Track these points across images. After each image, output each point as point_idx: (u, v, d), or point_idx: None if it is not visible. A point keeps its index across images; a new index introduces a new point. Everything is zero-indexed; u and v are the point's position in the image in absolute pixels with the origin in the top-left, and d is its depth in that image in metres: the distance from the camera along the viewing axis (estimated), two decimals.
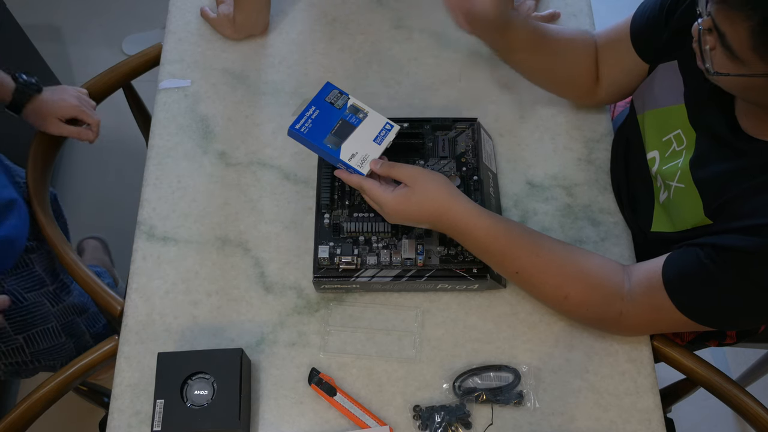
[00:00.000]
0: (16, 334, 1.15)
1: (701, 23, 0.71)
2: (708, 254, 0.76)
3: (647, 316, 0.83)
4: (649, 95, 0.93)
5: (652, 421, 0.88)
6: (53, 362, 1.27)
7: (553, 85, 1.05)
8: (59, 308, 1.21)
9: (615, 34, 0.97)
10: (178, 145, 1.08)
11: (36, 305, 1.16)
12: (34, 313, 1.16)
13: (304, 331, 0.94)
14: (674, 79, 0.88)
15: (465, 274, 0.91)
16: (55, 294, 1.19)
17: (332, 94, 0.89)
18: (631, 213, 0.99)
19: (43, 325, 1.18)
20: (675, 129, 0.88)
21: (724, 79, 0.72)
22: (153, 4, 2.28)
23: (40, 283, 1.16)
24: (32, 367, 1.25)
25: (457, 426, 0.86)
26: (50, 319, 1.19)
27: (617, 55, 0.97)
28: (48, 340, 1.21)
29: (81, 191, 1.99)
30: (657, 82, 0.92)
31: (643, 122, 0.94)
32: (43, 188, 1.13)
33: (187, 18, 1.20)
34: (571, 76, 1.01)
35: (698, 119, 0.84)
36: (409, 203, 0.82)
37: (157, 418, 0.80)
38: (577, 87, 1.03)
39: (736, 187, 0.76)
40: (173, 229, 1.01)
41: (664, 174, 0.88)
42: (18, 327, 1.14)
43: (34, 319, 1.16)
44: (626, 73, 0.97)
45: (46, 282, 1.17)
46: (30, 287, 1.15)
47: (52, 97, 1.11)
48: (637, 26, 0.94)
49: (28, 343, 1.18)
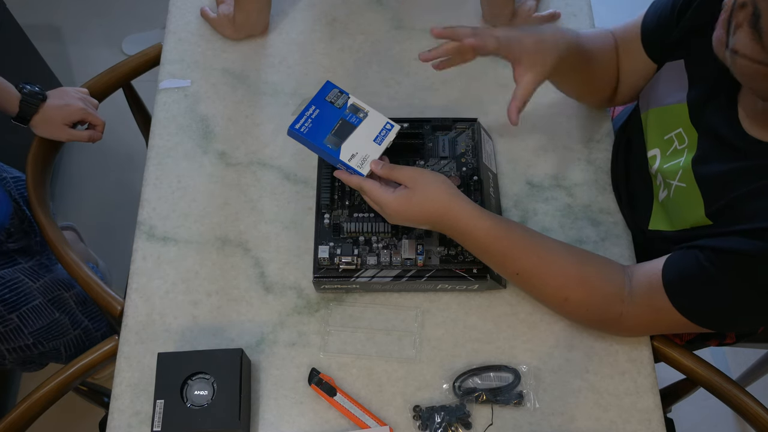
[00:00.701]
0: (9, 314, 1.17)
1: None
2: (708, 257, 0.76)
3: (647, 317, 0.83)
4: (653, 93, 0.93)
5: (652, 421, 0.88)
6: (55, 343, 1.28)
7: (581, 95, 1.04)
8: (41, 284, 1.23)
9: (626, 34, 0.96)
10: (178, 145, 1.08)
11: (15, 281, 1.19)
12: (16, 290, 1.18)
13: (304, 331, 0.94)
14: (679, 78, 0.88)
15: (465, 275, 0.91)
16: (33, 270, 1.22)
17: (332, 93, 0.89)
18: (629, 210, 0.99)
19: (30, 302, 1.21)
20: (677, 128, 0.87)
21: (740, 62, 0.69)
22: (153, 4, 2.29)
23: (11, 260, 1.19)
24: (37, 352, 1.26)
25: (457, 426, 0.86)
26: (35, 296, 1.22)
27: (628, 56, 0.97)
28: (41, 317, 1.23)
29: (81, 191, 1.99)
30: (662, 80, 0.92)
31: (645, 120, 0.94)
32: (43, 189, 1.13)
33: (187, 18, 1.20)
34: (602, 86, 1.00)
35: (701, 119, 0.84)
36: (409, 204, 0.82)
37: (157, 418, 0.80)
38: (602, 94, 1.02)
39: (738, 188, 0.76)
40: (173, 229, 1.01)
41: (665, 172, 0.88)
42: (7, 306, 1.17)
43: (18, 296, 1.19)
44: (636, 74, 0.97)
45: (18, 260, 1.20)
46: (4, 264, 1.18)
47: (58, 103, 1.11)
48: (648, 26, 0.93)
49: (24, 322, 1.20)
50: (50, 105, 1.10)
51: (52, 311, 1.25)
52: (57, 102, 1.10)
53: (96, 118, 1.15)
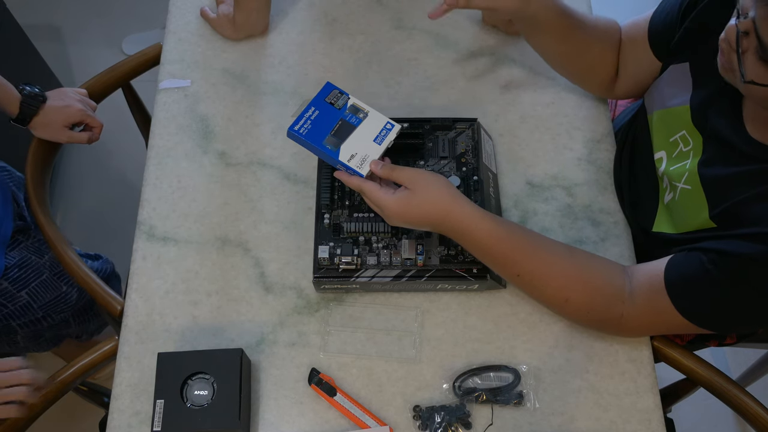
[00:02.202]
0: (18, 291, 1.20)
1: (739, 24, 0.67)
2: (711, 259, 0.76)
3: (648, 318, 0.83)
4: (658, 95, 0.93)
5: (652, 421, 0.88)
6: (64, 315, 1.32)
7: (573, 73, 1.03)
8: (47, 258, 1.25)
9: (635, 30, 0.96)
10: (178, 145, 1.08)
11: (23, 260, 1.21)
12: (26, 267, 1.21)
13: (304, 331, 0.94)
14: (683, 80, 0.88)
15: (465, 275, 0.91)
16: (36, 247, 1.24)
17: (332, 94, 0.89)
18: (632, 211, 0.99)
19: (38, 278, 1.23)
20: (680, 130, 0.87)
21: (755, 89, 0.69)
22: (153, 4, 2.28)
23: (14, 242, 1.21)
24: (47, 324, 1.30)
25: (457, 426, 0.86)
26: (43, 271, 1.24)
27: (635, 51, 0.96)
28: (49, 291, 1.26)
29: (81, 191, 1.99)
30: (666, 82, 0.91)
31: (652, 122, 0.94)
32: (42, 189, 1.13)
33: (187, 18, 1.20)
34: (594, 66, 0.99)
35: (703, 122, 0.84)
36: (409, 206, 0.81)
37: (157, 418, 0.80)
38: (598, 78, 1.01)
39: (743, 192, 0.76)
40: (173, 229, 1.01)
41: (671, 175, 0.88)
42: (17, 284, 1.20)
43: (27, 273, 1.21)
44: (642, 70, 0.97)
45: (19, 240, 1.22)
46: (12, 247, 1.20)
47: (57, 104, 1.11)
48: (656, 24, 0.93)
49: (33, 297, 1.23)
50: (50, 106, 1.10)
51: (59, 284, 1.28)
52: (57, 103, 1.10)
53: (94, 120, 1.15)
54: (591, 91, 1.08)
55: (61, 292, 1.28)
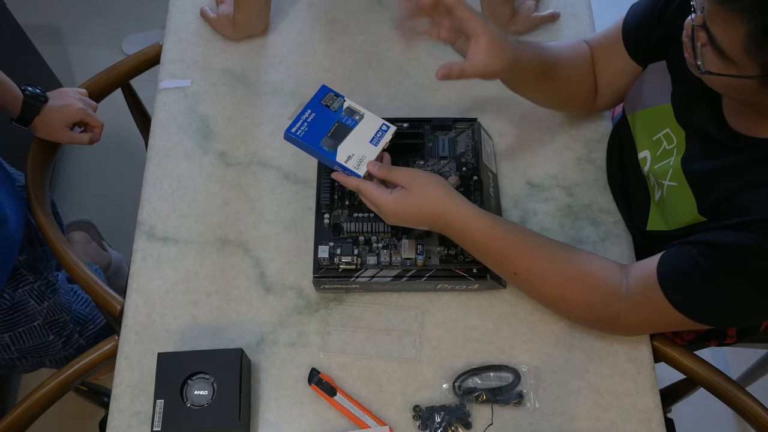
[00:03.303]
0: (1, 333, 1.15)
1: (694, 19, 0.70)
2: (701, 251, 0.76)
3: (645, 315, 0.83)
4: (638, 95, 0.93)
5: (652, 421, 0.88)
6: (40, 359, 1.26)
7: (557, 105, 1.04)
8: (45, 306, 1.20)
9: (607, 39, 0.97)
10: (178, 145, 1.08)
11: (21, 304, 1.16)
12: (20, 312, 1.16)
13: (304, 331, 0.94)
14: (662, 78, 0.89)
15: (465, 274, 0.91)
16: (40, 291, 1.19)
17: (328, 96, 0.89)
18: (627, 212, 0.99)
19: (29, 323, 1.18)
20: (664, 128, 0.88)
21: (714, 78, 0.72)
22: (153, 4, 2.28)
23: (20, 279, 1.16)
24: (20, 364, 1.25)
25: (457, 426, 0.86)
26: (36, 317, 1.19)
27: (610, 59, 0.97)
28: (34, 338, 1.21)
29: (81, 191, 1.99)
30: (645, 82, 0.92)
31: (633, 122, 0.95)
32: (42, 189, 1.13)
33: (187, 18, 1.20)
34: (575, 94, 1.00)
35: (686, 118, 0.85)
36: (407, 205, 0.82)
37: (157, 418, 0.80)
38: (579, 101, 1.02)
39: (728, 184, 0.77)
40: (173, 229, 1.01)
41: (656, 173, 0.89)
42: (3, 327, 1.14)
43: (19, 318, 1.16)
44: (621, 76, 0.97)
45: (26, 278, 1.16)
46: (15, 286, 1.14)
47: (58, 104, 1.10)
48: (629, 28, 0.94)
49: (14, 341, 1.18)
50: (51, 106, 1.09)
51: (46, 333, 1.23)
52: (57, 103, 1.10)
53: (95, 120, 1.15)
54: (575, 113, 1.09)
55: (45, 341, 1.23)
